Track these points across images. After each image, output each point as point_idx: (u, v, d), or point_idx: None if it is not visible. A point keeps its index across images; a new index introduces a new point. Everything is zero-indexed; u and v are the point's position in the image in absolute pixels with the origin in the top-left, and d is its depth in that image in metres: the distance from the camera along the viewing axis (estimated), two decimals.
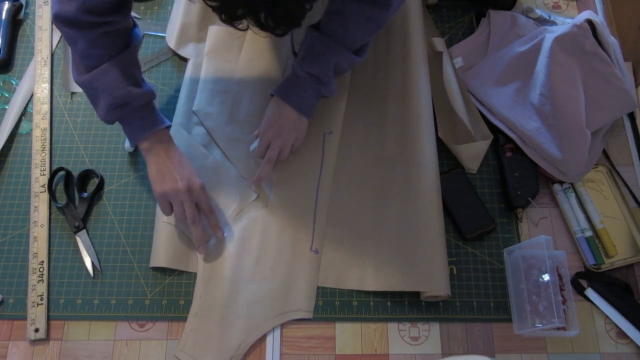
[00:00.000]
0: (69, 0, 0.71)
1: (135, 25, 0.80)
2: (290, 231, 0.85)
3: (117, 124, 0.82)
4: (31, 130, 0.93)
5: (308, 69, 0.82)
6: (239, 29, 0.64)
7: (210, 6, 0.60)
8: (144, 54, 0.99)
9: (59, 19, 0.73)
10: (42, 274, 0.84)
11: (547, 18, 1.01)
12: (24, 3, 1.03)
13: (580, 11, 1.03)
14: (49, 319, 0.82)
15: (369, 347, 0.81)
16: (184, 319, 0.81)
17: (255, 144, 0.87)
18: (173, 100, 0.95)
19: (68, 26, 0.73)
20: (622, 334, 0.81)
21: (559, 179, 0.88)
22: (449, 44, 1.00)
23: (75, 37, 0.74)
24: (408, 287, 0.80)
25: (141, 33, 0.81)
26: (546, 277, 0.79)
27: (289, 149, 0.86)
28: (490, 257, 0.86)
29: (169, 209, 0.81)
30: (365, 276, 0.83)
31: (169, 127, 0.83)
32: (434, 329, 0.82)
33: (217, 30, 0.99)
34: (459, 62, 0.98)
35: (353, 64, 0.85)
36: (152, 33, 1.01)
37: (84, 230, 0.86)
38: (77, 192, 0.89)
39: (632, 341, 0.80)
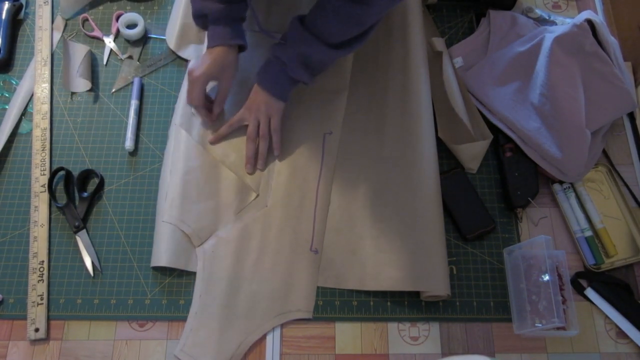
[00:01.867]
0: None
1: None
2: (290, 231, 0.85)
3: None
4: (31, 130, 0.94)
5: (276, 52, 0.86)
6: None
7: None
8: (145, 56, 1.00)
9: None
10: (42, 274, 0.84)
11: (547, 18, 1.01)
12: (24, 3, 1.03)
13: (580, 11, 1.03)
14: (49, 318, 0.82)
15: (369, 347, 0.81)
16: (184, 319, 0.81)
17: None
18: (173, 100, 0.95)
19: None
20: (622, 333, 0.81)
21: (559, 179, 0.88)
22: (449, 44, 1.00)
23: None
24: (408, 287, 0.80)
25: None
26: (546, 276, 0.79)
27: (266, 125, 0.88)
28: (490, 257, 0.86)
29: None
30: (365, 276, 0.83)
31: (239, 46, 0.88)
32: (434, 328, 0.82)
33: None
34: (459, 62, 0.98)
35: (330, 57, 0.87)
36: (154, 36, 1.01)
37: (84, 230, 0.86)
38: (77, 192, 0.89)
39: (632, 341, 0.80)
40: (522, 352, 0.81)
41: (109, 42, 1.00)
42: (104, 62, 0.99)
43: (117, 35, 1.01)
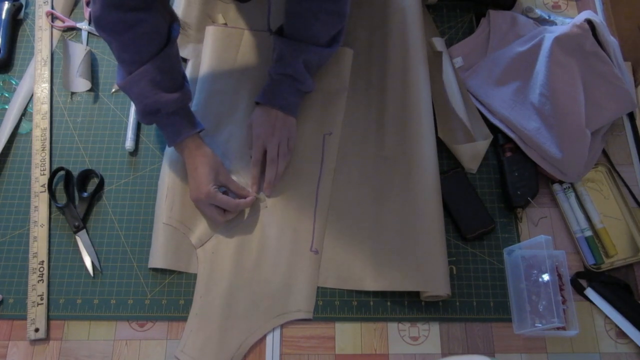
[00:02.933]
0: (94, 1, 0.73)
1: (173, 21, 0.79)
2: (290, 232, 0.85)
3: None
4: (31, 130, 0.93)
5: (281, 70, 0.86)
6: None
7: None
8: None
9: (94, 23, 0.75)
10: (42, 274, 0.84)
11: (547, 18, 1.01)
12: (23, 3, 1.03)
13: (580, 11, 1.03)
14: (49, 318, 0.82)
15: (368, 347, 0.81)
16: (184, 319, 0.81)
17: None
18: None
19: (100, 29, 0.75)
20: (621, 333, 0.81)
21: (558, 179, 0.88)
22: (449, 44, 1.00)
23: (109, 41, 0.77)
24: (408, 287, 0.80)
25: (178, 29, 0.80)
26: (546, 276, 0.79)
27: (287, 147, 0.87)
28: (490, 257, 0.86)
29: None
30: (365, 276, 0.83)
31: (201, 131, 0.84)
32: (434, 328, 0.82)
33: (214, 30, 0.99)
34: (458, 62, 0.98)
35: (326, 56, 0.88)
36: None
37: (84, 230, 0.86)
38: (77, 192, 0.89)
39: (631, 341, 0.80)
40: (522, 352, 0.81)
41: (84, 26, 1.00)
42: (85, 45, 0.99)
43: (91, 18, 1.02)
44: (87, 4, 1.02)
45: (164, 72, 0.78)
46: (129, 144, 0.91)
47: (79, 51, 0.97)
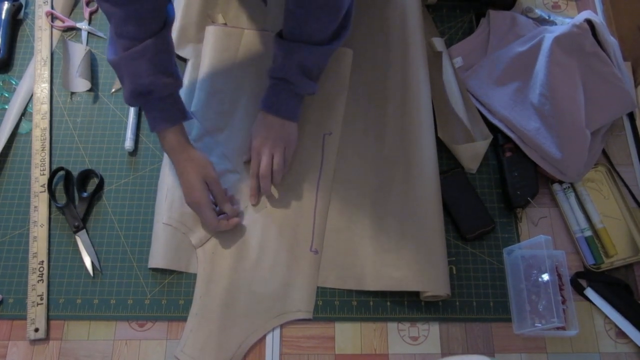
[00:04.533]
0: None
1: (169, 2, 0.78)
2: (290, 232, 0.85)
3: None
4: (31, 130, 0.93)
5: (275, 74, 0.84)
6: None
7: None
8: None
9: None
10: (42, 274, 0.84)
11: (547, 18, 1.01)
12: (23, 3, 1.03)
13: (579, 11, 1.03)
14: (48, 318, 0.82)
15: (368, 347, 0.81)
16: (184, 319, 0.81)
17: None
18: None
19: None
20: (621, 333, 0.81)
21: (558, 179, 0.88)
22: (449, 44, 1.00)
23: (111, 14, 0.74)
24: (408, 287, 0.80)
25: (174, 10, 0.79)
26: (546, 276, 0.79)
27: (282, 157, 0.85)
28: (490, 257, 0.86)
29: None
30: (365, 276, 0.83)
31: (188, 119, 0.83)
32: (434, 328, 0.82)
33: (214, 30, 0.99)
34: (458, 62, 0.98)
35: (324, 55, 0.85)
36: None
37: (84, 230, 0.86)
38: (77, 192, 0.89)
39: (631, 341, 0.81)
40: (521, 352, 0.81)
41: (84, 26, 1.00)
42: (85, 45, 0.99)
43: (91, 18, 1.02)
44: (87, 4, 1.02)
45: (163, 53, 0.77)
46: (128, 144, 0.91)
47: (78, 51, 0.97)
